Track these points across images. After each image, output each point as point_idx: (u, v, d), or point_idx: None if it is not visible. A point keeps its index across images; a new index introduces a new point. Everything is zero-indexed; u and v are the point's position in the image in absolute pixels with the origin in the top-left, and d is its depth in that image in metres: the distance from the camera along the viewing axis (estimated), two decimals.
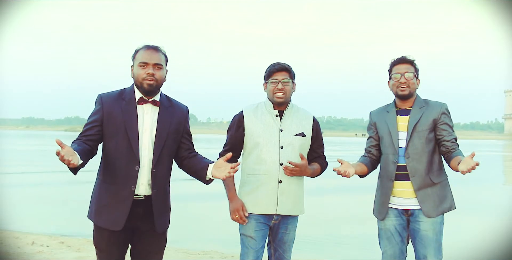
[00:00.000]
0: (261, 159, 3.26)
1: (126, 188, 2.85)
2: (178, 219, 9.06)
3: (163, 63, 2.96)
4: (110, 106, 2.89)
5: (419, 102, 3.35)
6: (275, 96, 3.27)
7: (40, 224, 8.49)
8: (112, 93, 2.97)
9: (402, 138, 3.29)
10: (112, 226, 2.86)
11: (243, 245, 3.30)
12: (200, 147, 22.95)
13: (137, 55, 2.94)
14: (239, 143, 3.35)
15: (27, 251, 5.99)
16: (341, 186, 12.80)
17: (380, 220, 3.36)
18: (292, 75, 3.32)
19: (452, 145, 3.25)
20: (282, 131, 3.28)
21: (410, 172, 3.24)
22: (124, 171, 2.85)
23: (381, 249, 3.37)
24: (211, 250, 6.69)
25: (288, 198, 3.25)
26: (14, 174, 17.21)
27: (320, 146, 3.44)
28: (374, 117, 3.47)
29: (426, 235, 3.21)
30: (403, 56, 3.38)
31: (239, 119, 3.35)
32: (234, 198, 3.29)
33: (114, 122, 2.87)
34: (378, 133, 3.42)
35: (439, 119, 3.29)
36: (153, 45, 2.96)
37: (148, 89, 2.89)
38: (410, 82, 3.30)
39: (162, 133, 2.92)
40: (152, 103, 2.94)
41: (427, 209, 3.20)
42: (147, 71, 2.87)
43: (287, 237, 3.32)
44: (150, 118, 2.92)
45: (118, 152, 2.87)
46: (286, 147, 3.25)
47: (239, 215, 3.23)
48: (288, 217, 3.30)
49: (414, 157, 3.24)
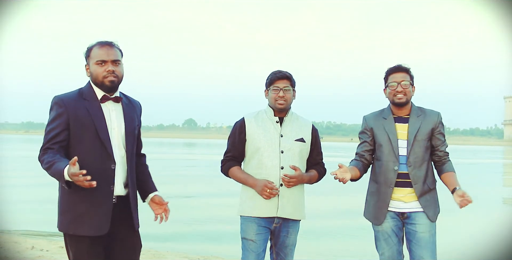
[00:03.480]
0: (262, 163, 3.31)
1: (104, 189, 2.76)
2: (178, 222, 9.09)
3: (120, 58, 2.89)
4: (74, 107, 2.78)
5: (415, 111, 3.42)
6: (277, 103, 3.34)
7: (40, 228, 8.48)
8: (70, 94, 2.85)
9: (402, 146, 3.35)
10: (97, 231, 2.74)
11: (245, 249, 3.33)
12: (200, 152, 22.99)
13: (92, 53, 2.84)
14: (241, 148, 3.40)
15: (27, 256, 5.98)
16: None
17: (377, 225, 3.38)
18: (293, 83, 3.39)
19: (444, 155, 3.40)
20: (282, 136, 3.34)
21: (412, 180, 3.30)
22: (100, 172, 2.74)
23: (378, 251, 3.40)
24: (211, 255, 6.69)
25: (288, 201, 3.30)
26: (14, 178, 17.19)
27: (319, 152, 3.49)
28: (370, 123, 3.49)
29: (424, 237, 3.27)
30: (398, 64, 3.43)
31: (241, 125, 3.41)
32: (255, 180, 3.29)
33: (81, 123, 2.77)
34: (374, 139, 3.45)
35: (436, 128, 3.39)
36: (107, 41, 2.88)
37: (111, 86, 2.83)
38: (406, 91, 3.36)
39: (131, 129, 2.90)
40: (114, 100, 2.89)
41: (430, 214, 3.29)
42: (107, 69, 2.81)
43: (288, 241, 3.35)
44: (116, 115, 2.88)
45: (90, 154, 2.75)
46: (286, 152, 3.31)
47: (269, 189, 3.22)
48: (289, 220, 3.33)
49: (416, 165, 3.32)
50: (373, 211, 3.40)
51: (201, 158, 24.24)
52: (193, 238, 8.05)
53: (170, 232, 8.37)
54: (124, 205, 2.86)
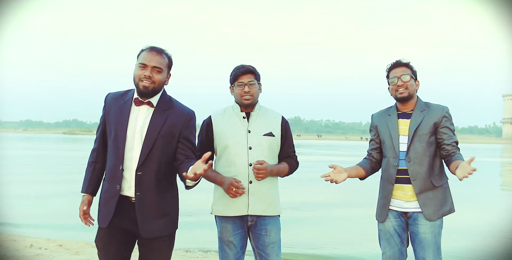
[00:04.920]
0: (230, 161, 3.25)
1: (113, 187, 2.86)
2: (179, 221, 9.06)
3: (164, 67, 2.90)
4: (110, 105, 2.96)
5: (420, 106, 3.36)
6: (243, 98, 3.27)
7: (38, 227, 8.48)
8: (118, 93, 3.01)
9: (403, 141, 3.31)
10: (100, 223, 2.91)
11: (222, 250, 3.29)
12: None
13: (140, 55, 2.91)
14: (209, 146, 3.34)
15: (25, 254, 5.97)
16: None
17: (380, 222, 3.37)
18: (257, 77, 3.32)
19: (452, 149, 3.24)
20: (250, 132, 3.28)
21: (411, 175, 3.24)
22: (112, 170, 2.87)
23: (381, 250, 3.39)
24: (211, 250, 6.68)
25: (259, 198, 3.23)
26: (13, 176, 17.18)
27: (290, 145, 3.42)
28: (376, 120, 3.49)
29: (425, 238, 3.21)
30: (397, 60, 3.40)
31: (207, 123, 3.36)
32: (222, 178, 3.22)
33: (109, 121, 2.93)
34: (379, 135, 3.44)
35: (440, 122, 3.28)
36: (157, 47, 2.92)
37: (143, 90, 2.86)
38: (407, 84, 3.31)
39: (152, 135, 2.86)
40: (148, 105, 2.91)
41: (428, 213, 3.21)
42: (145, 73, 2.85)
43: (268, 239, 3.25)
44: (143, 119, 2.89)
45: (110, 151, 2.92)
46: (254, 148, 3.25)
47: (235, 188, 3.16)
48: (264, 217, 3.26)
49: (416, 160, 3.25)
50: (378, 208, 3.40)
51: None
52: (192, 235, 8.04)
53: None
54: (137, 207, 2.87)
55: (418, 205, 3.24)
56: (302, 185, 14.92)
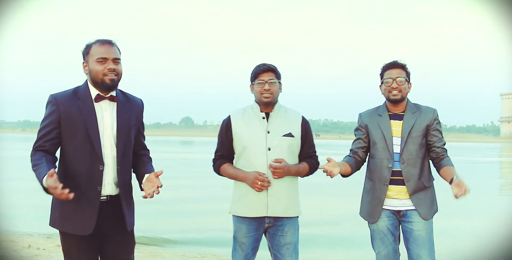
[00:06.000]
0: (249, 162, 3.24)
1: (91, 190, 2.76)
2: (176, 222, 9.08)
3: (120, 57, 2.86)
4: (66, 106, 2.78)
5: (410, 108, 3.38)
6: (263, 97, 3.25)
7: (37, 227, 8.46)
8: (65, 93, 2.84)
9: (396, 143, 3.32)
10: (81, 231, 2.76)
11: (235, 249, 3.30)
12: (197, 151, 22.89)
13: (92, 50, 2.81)
14: (229, 147, 3.34)
15: (24, 255, 5.97)
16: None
17: (372, 223, 3.37)
18: (278, 76, 3.30)
19: (442, 151, 3.34)
20: (269, 132, 3.26)
21: (405, 177, 3.27)
22: (88, 172, 2.75)
23: (375, 250, 3.39)
24: (208, 253, 6.69)
25: (278, 200, 3.22)
26: (11, 177, 17.15)
27: (311, 145, 3.39)
28: (366, 120, 3.46)
29: (420, 235, 3.25)
30: (394, 60, 3.40)
31: (227, 124, 3.34)
32: (244, 173, 3.22)
33: (72, 122, 2.76)
34: (369, 136, 3.42)
35: (432, 125, 3.35)
36: (107, 39, 2.86)
37: (111, 84, 2.80)
38: (401, 87, 3.32)
39: (123, 129, 2.85)
40: (109, 99, 2.86)
41: (423, 212, 3.26)
42: (108, 67, 2.78)
43: (284, 240, 3.24)
44: (109, 115, 2.84)
45: (79, 153, 2.77)
46: (273, 149, 3.22)
47: (260, 181, 3.15)
48: (282, 219, 3.25)
49: (409, 162, 3.29)
50: (368, 209, 3.39)
51: (198, 157, 24.15)
52: (190, 237, 8.04)
53: (168, 231, 8.37)
54: (117, 205, 2.84)
55: (411, 203, 3.28)
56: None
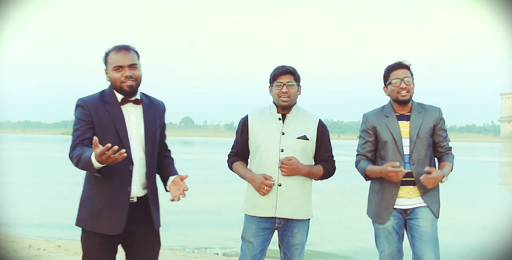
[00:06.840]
0: (261, 162, 3.25)
1: (122, 190, 2.82)
2: (176, 221, 9.07)
3: (137, 61, 2.90)
4: (96, 109, 2.85)
5: (416, 108, 3.38)
6: (280, 99, 3.25)
7: (37, 228, 8.47)
8: (92, 97, 2.91)
9: (405, 144, 3.31)
10: (111, 230, 2.81)
11: (242, 249, 3.30)
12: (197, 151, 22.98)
13: (109, 58, 2.88)
14: (245, 146, 3.37)
15: (24, 255, 5.97)
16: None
17: (380, 224, 3.34)
18: (297, 78, 3.29)
19: (446, 150, 3.40)
20: (283, 134, 3.26)
21: (416, 178, 3.26)
22: (118, 172, 2.81)
23: (378, 248, 3.38)
24: (209, 253, 6.68)
25: (288, 201, 3.20)
26: (11, 176, 17.16)
27: (327, 149, 3.36)
28: (373, 121, 3.41)
29: (426, 232, 3.25)
30: (399, 61, 3.38)
31: (244, 122, 3.37)
32: (252, 175, 3.25)
33: (103, 124, 2.83)
34: (377, 138, 3.38)
35: (438, 124, 3.36)
36: (123, 45, 2.91)
37: (130, 90, 2.86)
38: (409, 87, 3.31)
39: (150, 131, 2.92)
40: (134, 103, 2.92)
41: (435, 210, 3.30)
42: (124, 74, 2.83)
43: (293, 240, 3.25)
44: (136, 117, 2.91)
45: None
46: (286, 150, 3.22)
47: (266, 186, 3.17)
48: (292, 220, 3.24)
49: (419, 163, 3.28)
50: (377, 210, 3.36)
51: (198, 157, 24.16)
52: (190, 237, 8.04)
53: (168, 231, 8.37)
54: (144, 206, 2.90)
55: (420, 201, 3.28)
56: None
